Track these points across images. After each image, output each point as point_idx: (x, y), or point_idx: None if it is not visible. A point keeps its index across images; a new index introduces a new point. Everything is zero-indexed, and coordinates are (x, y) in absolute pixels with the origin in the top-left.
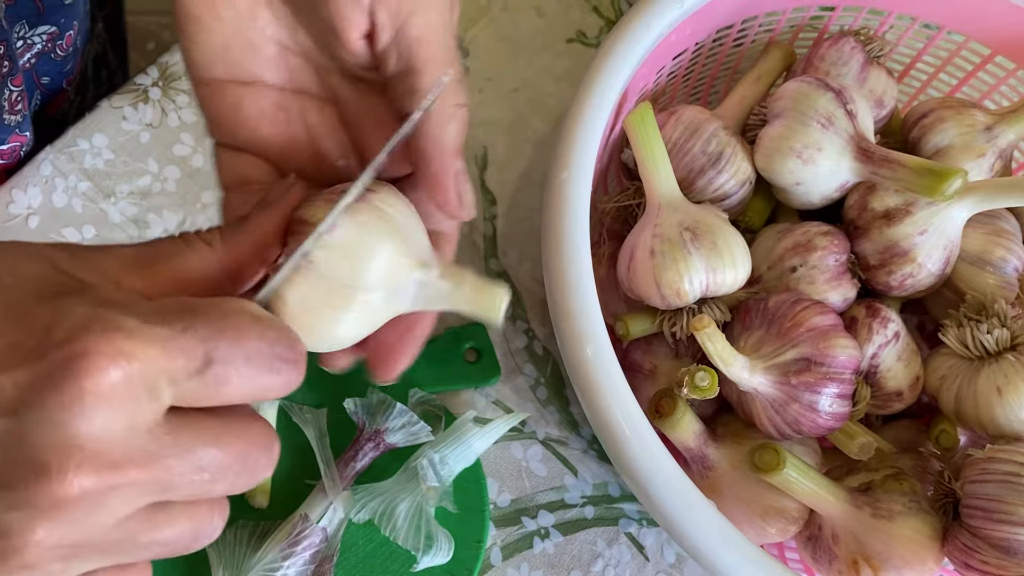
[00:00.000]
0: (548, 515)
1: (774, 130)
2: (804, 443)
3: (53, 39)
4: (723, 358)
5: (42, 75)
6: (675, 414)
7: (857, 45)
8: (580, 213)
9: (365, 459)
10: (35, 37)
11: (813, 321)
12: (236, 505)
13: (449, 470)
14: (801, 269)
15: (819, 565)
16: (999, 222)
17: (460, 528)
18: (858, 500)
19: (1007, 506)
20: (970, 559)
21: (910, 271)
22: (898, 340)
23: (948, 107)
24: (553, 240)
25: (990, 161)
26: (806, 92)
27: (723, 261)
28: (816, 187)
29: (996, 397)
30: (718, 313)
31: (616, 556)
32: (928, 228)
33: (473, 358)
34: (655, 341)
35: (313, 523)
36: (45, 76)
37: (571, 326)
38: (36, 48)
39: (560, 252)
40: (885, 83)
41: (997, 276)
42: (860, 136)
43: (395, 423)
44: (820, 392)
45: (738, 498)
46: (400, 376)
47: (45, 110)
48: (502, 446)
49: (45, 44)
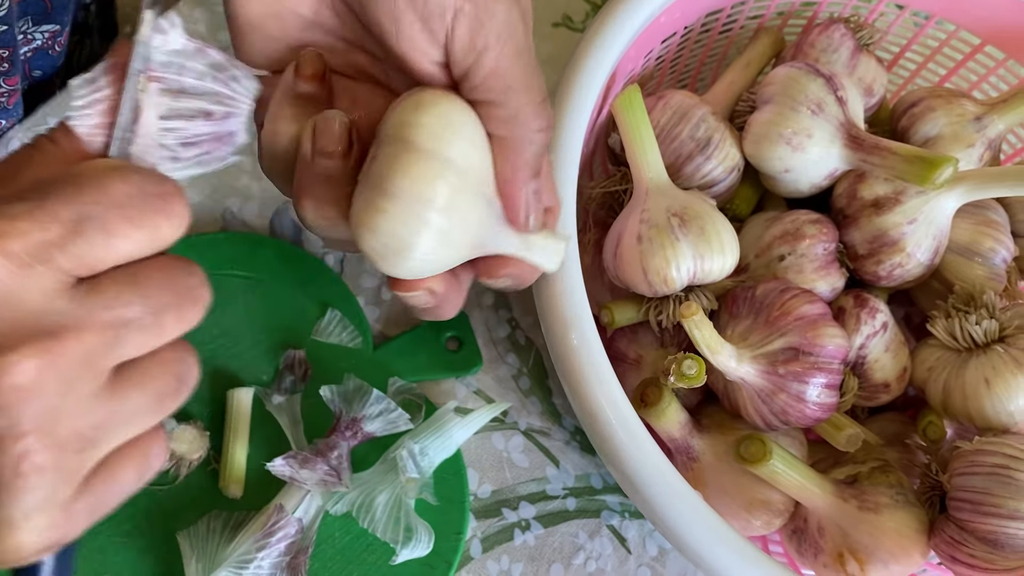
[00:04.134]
0: (529, 507)
1: (763, 116)
2: (790, 434)
3: (54, 36)
4: (710, 346)
5: (35, 68)
6: (661, 403)
7: (847, 32)
8: (566, 198)
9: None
10: (37, 34)
11: (801, 310)
12: (210, 495)
13: (429, 461)
14: (789, 258)
15: (804, 558)
16: (988, 212)
17: (440, 520)
18: (844, 493)
19: (995, 499)
20: (957, 552)
21: (899, 261)
22: (886, 331)
23: (937, 96)
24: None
25: (979, 151)
26: (796, 77)
27: (711, 248)
28: (805, 174)
29: (984, 389)
30: (705, 301)
31: (598, 548)
32: (917, 217)
33: (455, 347)
34: (640, 330)
35: (288, 514)
36: (37, 70)
37: (556, 313)
38: (36, 44)
39: None
40: (875, 71)
41: (986, 267)
42: (850, 123)
43: (372, 410)
44: (808, 382)
45: (723, 490)
46: (379, 364)
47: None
48: (483, 436)
49: (45, 40)
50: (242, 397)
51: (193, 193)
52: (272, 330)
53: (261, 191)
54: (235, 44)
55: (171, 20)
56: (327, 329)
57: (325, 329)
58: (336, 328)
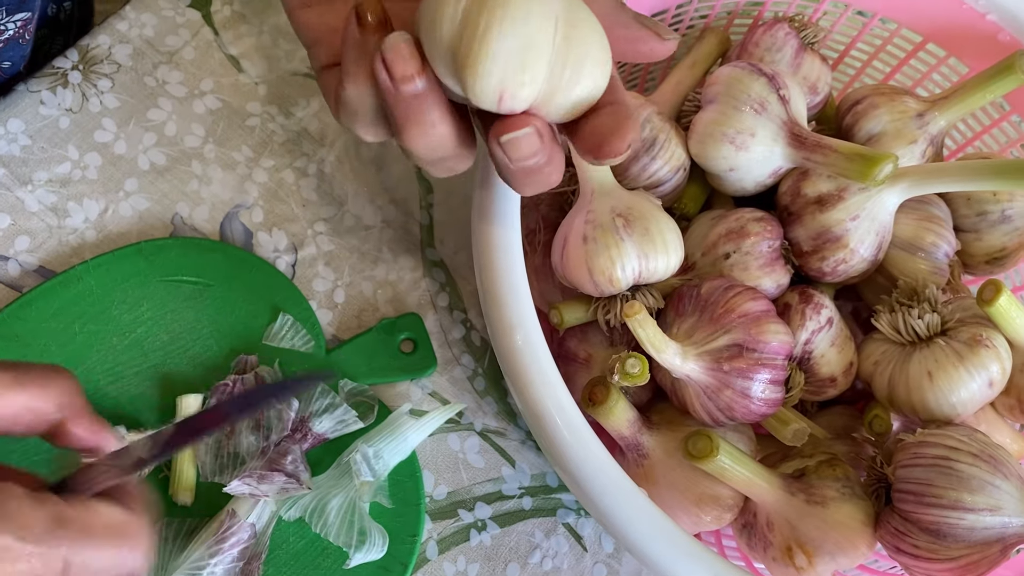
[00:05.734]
0: (485, 507)
1: (707, 116)
2: (739, 430)
3: (26, 24)
4: (655, 344)
5: (4, 60)
6: (608, 402)
7: (791, 31)
8: (511, 199)
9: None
10: (10, 23)
11: (745, 307)
12: (161, 503)
13: (384, 464)
14: (734, 255)
15: (755, 552)
16: (930, 208)
17: (395, 523)
18: (792, 487)
19: (937, 489)
20: (901, 543)
21: (843, 257)
22: (831, 326)
23: (881, 94)
24: (484, 226)
25: (922, 147)
26: (739, 77)
27: (655, 247)
28: (749, 173)
29: (927, 382)
30: (651, 300)
31: (554, 547)
32: (860, 214)
33: (409, 349)
34: (590, 329)
35: (241, 519)
36: (7, 61)
37: (500, 313)
38: (8, 34)
39: (490, 239)
40: (819, 69)
41: (928, 262)
42: (793, 122)
43: (317, 406)
44: (752, 378)
45: (673, 486)
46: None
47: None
48: (439, 438)
49: (17, 30)
50: (191, 403)
51: (142, 199)
52: (223, 336)
53: (211, 196)
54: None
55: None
56: (279, 334)
57: (277, 334)
58: (288, 332)
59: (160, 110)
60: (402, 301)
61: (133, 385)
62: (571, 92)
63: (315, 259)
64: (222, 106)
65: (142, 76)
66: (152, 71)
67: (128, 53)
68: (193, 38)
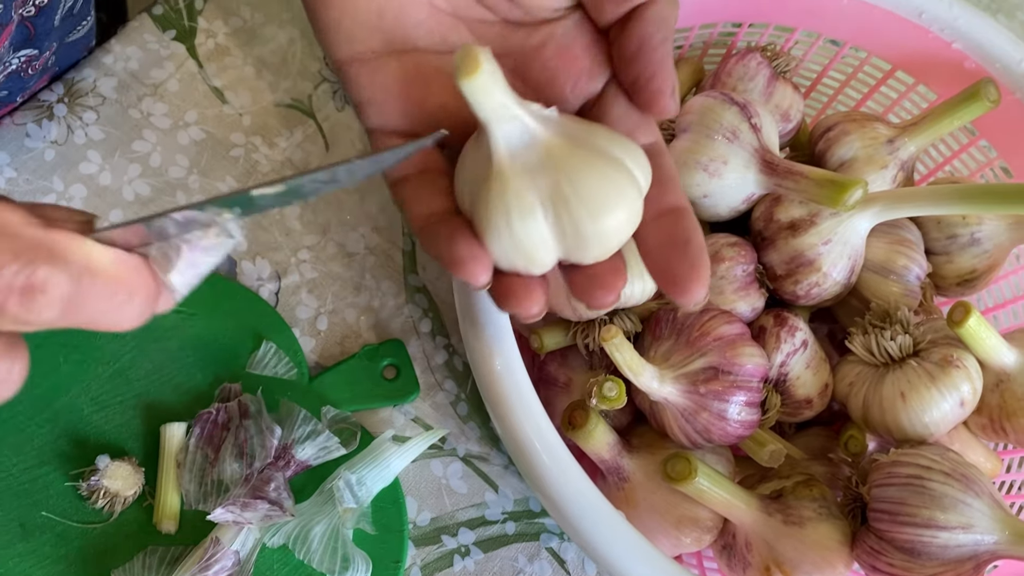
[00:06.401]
0: (469, 532)
1: (681, 144)
2: (717, 452)
3: (30, 60)
4: (632, 368)
5: (2, 89)
6: (588, 425)
7: (763, 61)
8: None
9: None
10: (14, 59)
11: (720, 330)
12: (145, 531)
13: (367, 491)
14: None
15: (734, 573)
16: (901, 231)
17: (378, 549)
18: (769, 507)
19: (910, 508)
20: (877, 562)
21: (816, 280)
22: (806, 348)
23: (852, 120)
24: None
25: (892, 172)
26: (711, 106)
27: (632, 272)
28: (723, 199)
29: (900, 402)
30: (629, 324)
31: (537, 571)
32: (832, 238)
33: (391, 375)
34: (570, 354)
35: (225, 546)
36: (3, 90)
37: (480, 339)
38: (11, 68)
39: None
40: (791, 97)
41: (900, 284)
42: (765, 149)
43: (300, 432)
44: (728, 400)
45: (653, 508)
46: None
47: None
48: (422, 464)
49: (21, 64)
50: (175, 432)
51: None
52: (207, 364)
53: None
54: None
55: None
56: (262, 361)
57: (260, 362)
58: (271, 360)
59: (145, 141)
60: (385, 327)
61: (118, 414)
62: (586, 254)
63: (298, 287)
64: (206, 137)
65: (127, 108)
66: (137, 103)
67: (113, 86)
68: (177, 70)
